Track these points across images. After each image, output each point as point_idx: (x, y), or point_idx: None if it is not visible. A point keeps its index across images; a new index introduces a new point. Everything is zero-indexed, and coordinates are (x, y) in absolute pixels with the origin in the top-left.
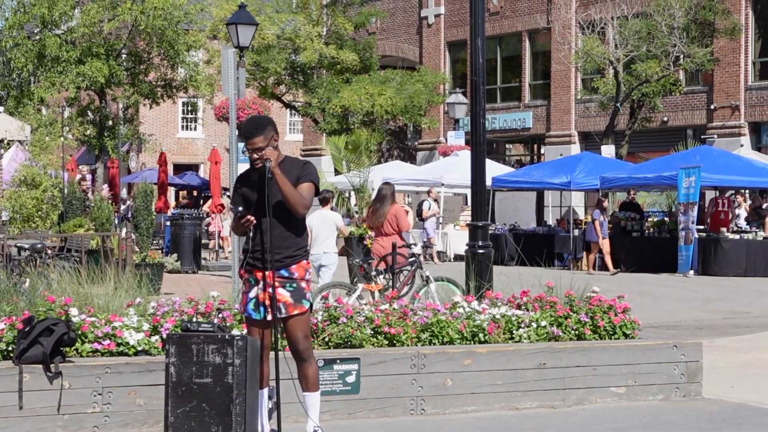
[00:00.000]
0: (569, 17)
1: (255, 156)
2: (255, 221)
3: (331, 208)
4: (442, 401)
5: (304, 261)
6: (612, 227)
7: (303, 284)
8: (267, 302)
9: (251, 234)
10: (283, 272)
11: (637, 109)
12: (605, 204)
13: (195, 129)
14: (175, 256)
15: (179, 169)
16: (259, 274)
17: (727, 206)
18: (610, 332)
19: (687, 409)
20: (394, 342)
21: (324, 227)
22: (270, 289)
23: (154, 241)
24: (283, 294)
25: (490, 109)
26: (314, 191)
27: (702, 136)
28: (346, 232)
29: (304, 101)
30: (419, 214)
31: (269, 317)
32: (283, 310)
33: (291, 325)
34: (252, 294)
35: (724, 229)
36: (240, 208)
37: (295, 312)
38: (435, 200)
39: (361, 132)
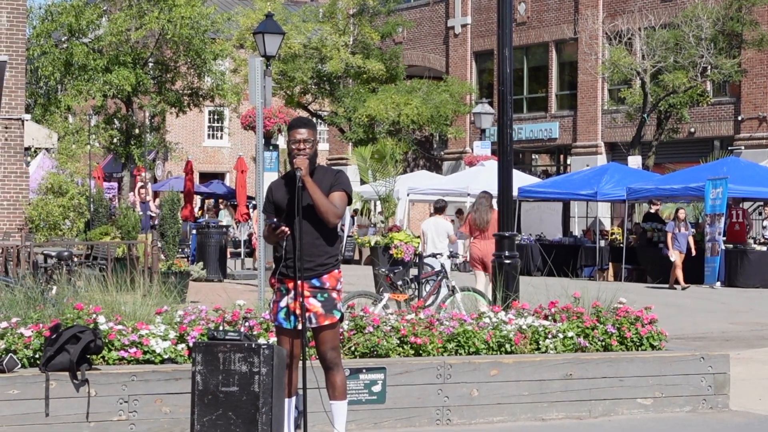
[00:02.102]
0: (596, 28)
1: (299, 147)
2: (289, 232)
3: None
4: (468, 411)
5: (336, 270)
6: (637, 238)
7: (334, 294)
8: (298, 311)
9: (283, 242)
10: (315, 282)
11: (664, 120)
12: (681, 215)
13: (221, 138)
14: (201, 264)
15: (205, 177)
16: (291, 284)
17: (742, 217)
18: (637, 343)
19: (714, 421)
20: (420, 352)
21: (437, 234)
22: (300, 299)
23: (180, 250)
24: (314, 304)
25: (516, 120)
26: (347, 200)
27: (729, 148)
28: (454, 239)
29: (330, 110)
30: None
31: (300, 326)
32: (314, 320)
33: (321, 336)
34: (283, 303)
35: (751, 241)
36: (275, 219)
37: (326, 322)
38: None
39: (387, 141)
